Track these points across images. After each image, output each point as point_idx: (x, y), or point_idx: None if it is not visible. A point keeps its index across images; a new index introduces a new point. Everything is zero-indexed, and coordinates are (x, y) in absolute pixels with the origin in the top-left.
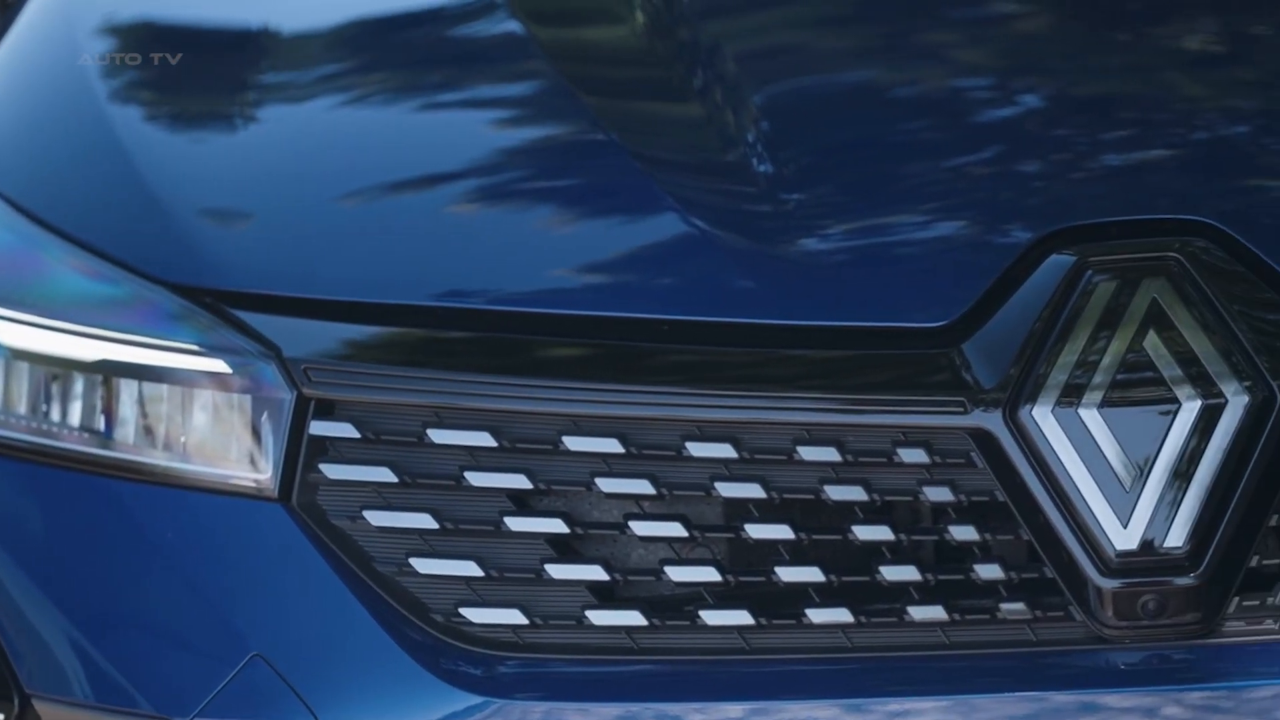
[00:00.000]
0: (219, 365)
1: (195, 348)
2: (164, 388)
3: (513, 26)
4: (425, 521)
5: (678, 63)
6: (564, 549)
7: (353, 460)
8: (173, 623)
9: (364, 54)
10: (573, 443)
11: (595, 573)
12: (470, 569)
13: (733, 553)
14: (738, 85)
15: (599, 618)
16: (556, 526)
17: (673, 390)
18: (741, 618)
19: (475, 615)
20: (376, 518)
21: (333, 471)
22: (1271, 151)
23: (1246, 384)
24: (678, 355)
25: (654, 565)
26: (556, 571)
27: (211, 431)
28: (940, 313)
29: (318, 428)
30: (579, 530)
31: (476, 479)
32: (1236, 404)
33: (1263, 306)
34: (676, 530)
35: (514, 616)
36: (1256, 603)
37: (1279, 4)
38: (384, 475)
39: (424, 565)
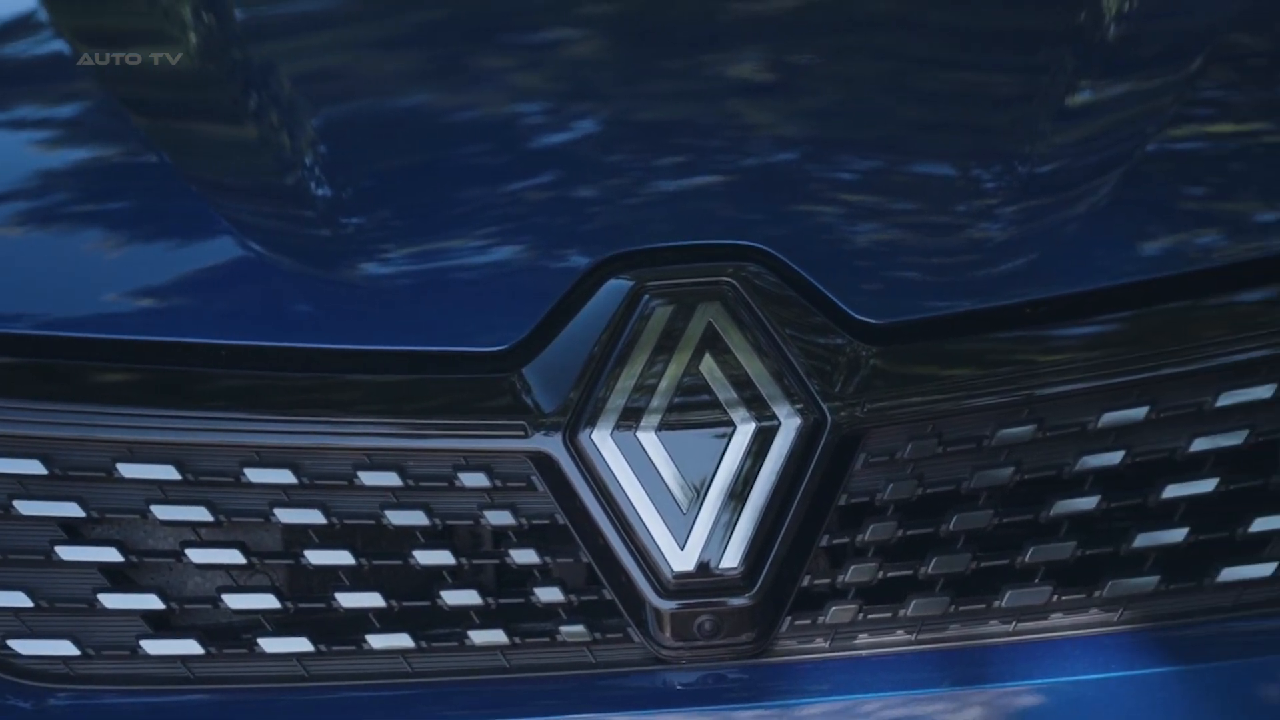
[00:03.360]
0: None
1: None
2: None
3: (59, 46)
4: None
5: (232, 84)
6: (118, 578)
7: None
8: None
9: None
10: (127, 470)
11: (150, 601)
12: (19, 599)
13: (292, 579)
14: (294, 108)
15: (154, 647)
16: (110, 555)
17: (230, 416)
18: (301, 645)
19: (24, 647)
20: None
21: None
22: (820, 179)
23: (799, 406)
24: (235, 380)
25: (211, 593)
26: (110, 601)
27: None
28: (500, 337)
29: None
30: (133, 558)
31: (25, 508)
32: (789, 426)
33: (813, 330)
34: (234, 557)
35: (65, 648)
36: (808, 622)
37: (826, 34)
38: None
39: None
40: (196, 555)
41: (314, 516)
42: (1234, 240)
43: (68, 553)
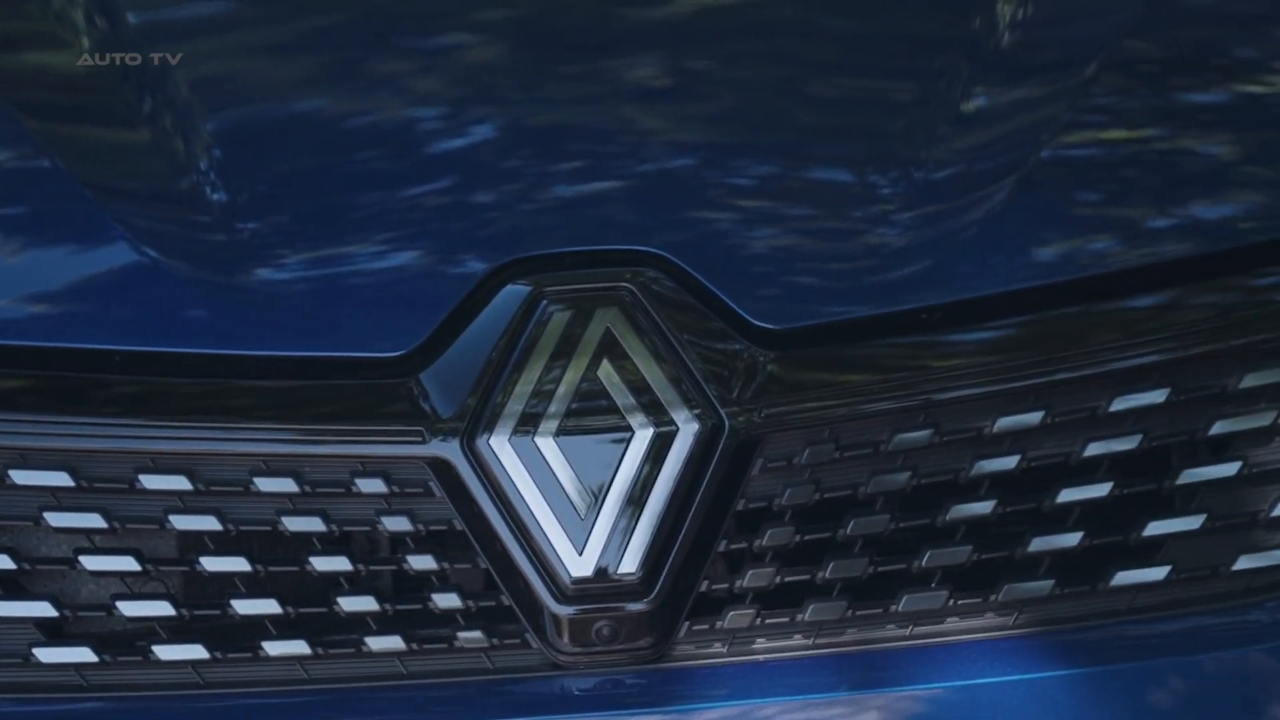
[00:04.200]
0: None
1: None
2: None
3: None
4: None
5: (126, 88)
6: (10, 585)
7: None
8: None
9: None
10: (19, 476)
11: (43, 609)
12: None
13: (188, 586)
14: (189, 112)
15: (47, 655)
16: (2, 563)
17: (125, 422)
18: (196, 652)
19: None
20: None
21: None
22: (718, 184)
23: (696, 412)
24: (130, 386)
25: (105, 600)
26: (1, 609)
27: None
28: (398, 343)
29: None
30: (26, 566)
31: None
32: (687, 432)
33: (711, 336)
34: (129, 564)
35: None
36: (706, 626)
37: (723, 40)
38: None
39: None
40: (90, 562)
41: (209, 523)
42: (1127, 246)
43: None
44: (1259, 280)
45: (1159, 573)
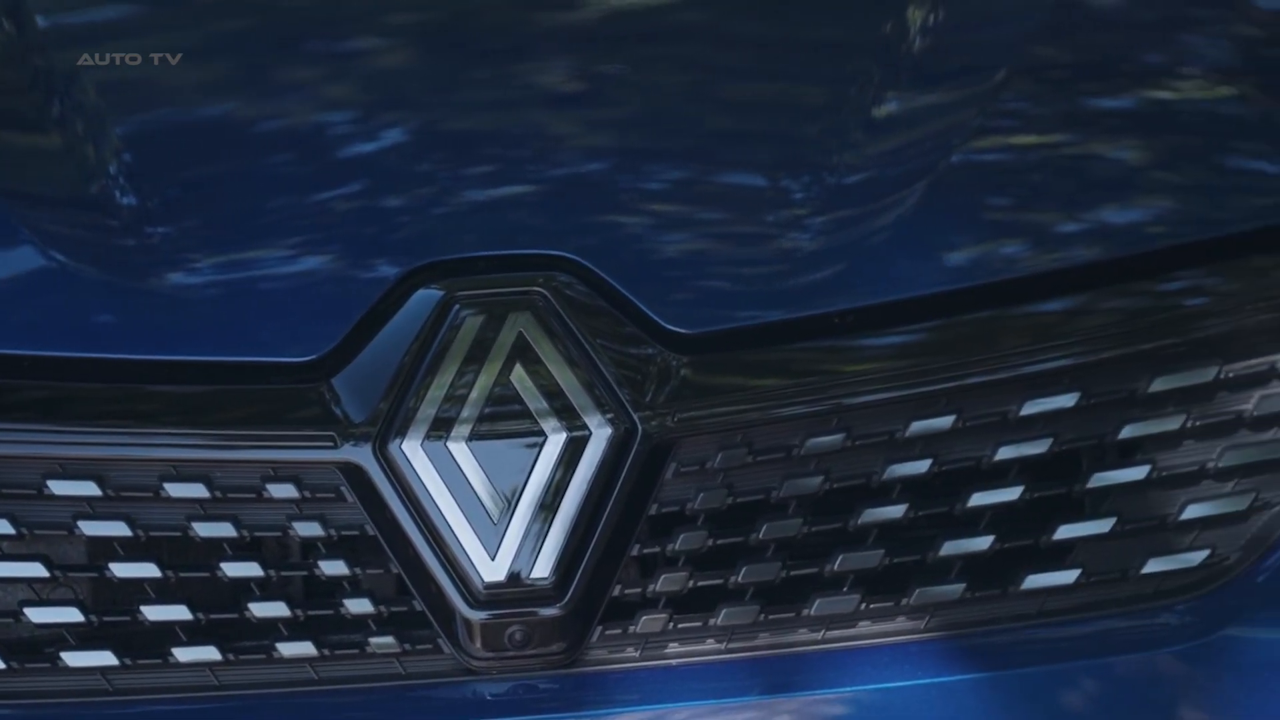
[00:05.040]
0: None
1: None
2: None
3: None
4: None
5: (34, 92)
6: None
7: None
8: None
9: None
10: None
11: None
12: None
13: (97, 592)
14: (99, 116)
15: None
16: None
17: (33, 427)
18: (105, 658)
19: None
20: None
21: None
22: (630, 189)
23: (609, 416)
24: (38, 391)
25: (13, 607)
26: None
27: None
28: (309, 347)
29: None
30: None
31: None
32: (600, 436)
33: (624, 340)
34: (37, 570)
35: None
36: (619, 631)
37: (635, 45)
38: None
39: None
40: None
41: (119, 528)
42: (1037, 250)
43: None
44: (1167, 285)
45: (1069, 576)
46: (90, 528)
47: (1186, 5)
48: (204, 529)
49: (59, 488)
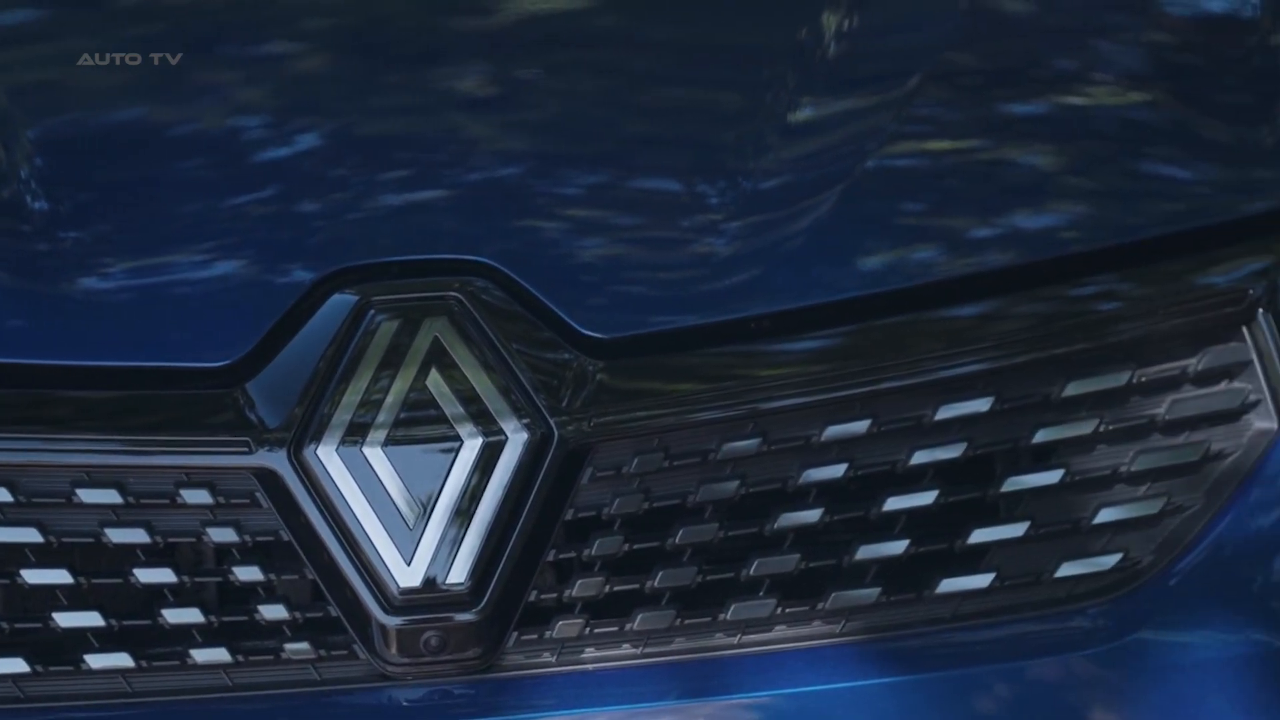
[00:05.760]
0: None
1: None
2: None
3: None
4: None
5: None
6: None
7: None
8: None
9: None
10: None
11: None
12: None
13: (8, 599)
14: (9, 120)
15: None
16: None
17: None
18: (16, 665)
19: None
20: None
21: None
22: (546, 194)
23: (525, 421)
24: None
25: None
26: None
27: None
28: (223, 352)
29: None
30: None
31: None
32: (516, 441)
33: (540, 345)
34: None
35: None
36: (535, 636)
37: (550, 50)
38: None
39: None
40: None
41: (30, 535)
42: (952, 256)
43: None
44: (1080, 290)
45: (983, 580)
46: (1, 534)
47: (1098, 11)
48: (117, 535)
49: None
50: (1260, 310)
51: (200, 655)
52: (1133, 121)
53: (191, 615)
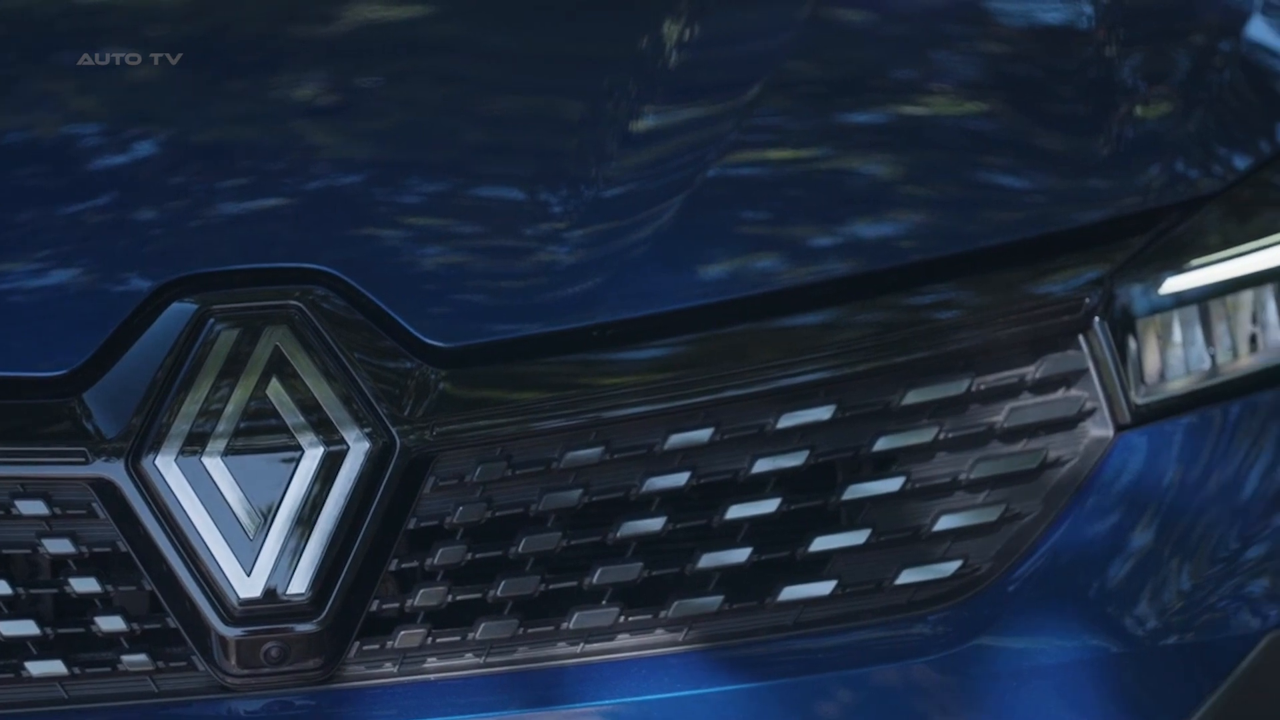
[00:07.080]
0: None
1: None
2: None
3: None
4: None
5: None
6: None
7: None
8: None
9: None
10: None
11: None
12: None
13: None
14: None
15: None
16: None
17: None
18: None
19: None
20: None
21: None
22: (387, 202)
23: (367, 430)
24: None
25: None
26: None
27: None
28: (59, 362)
29: None
30: None
31: None
32: (358, 451)
33: (382, 354)
34: None
35: None
36: (377, 646)
37: (390, 58)
38: None
39: None
40: None
41: None
42: (793, 264)
43: None
44: (919, 298)
45: (825, 587)
46: None
47: (938, 22)
48: None
49: None
50: (1096, 318)
51: (35, 668)
52: (971, 131)
53: (26, 627)
